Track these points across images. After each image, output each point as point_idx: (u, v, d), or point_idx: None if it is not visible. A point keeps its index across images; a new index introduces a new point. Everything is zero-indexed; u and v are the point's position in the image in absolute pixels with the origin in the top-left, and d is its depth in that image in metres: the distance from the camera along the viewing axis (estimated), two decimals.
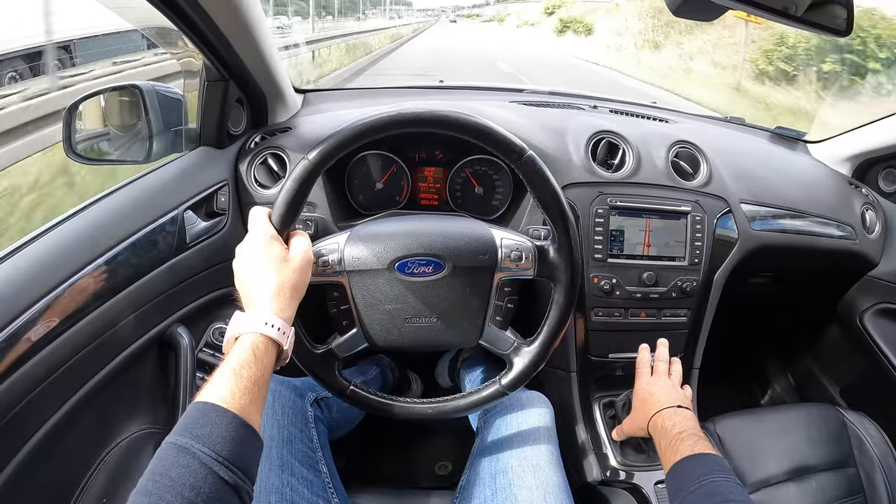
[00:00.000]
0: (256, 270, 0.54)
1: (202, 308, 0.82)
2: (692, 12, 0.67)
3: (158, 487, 0.39)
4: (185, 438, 0.42)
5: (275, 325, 0.51)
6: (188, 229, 0.77)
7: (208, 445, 0.41)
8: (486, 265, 0.64)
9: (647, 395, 0.75)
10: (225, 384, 0.46)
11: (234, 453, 0.42)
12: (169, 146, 0.84)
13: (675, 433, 0.64)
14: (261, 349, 0.49)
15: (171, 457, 0.41)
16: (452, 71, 10.77)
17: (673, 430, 0.65)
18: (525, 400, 0.77)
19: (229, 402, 0.44)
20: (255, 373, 0.47)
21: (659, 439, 0.66)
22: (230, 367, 0.47)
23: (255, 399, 0.47)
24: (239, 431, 0.44)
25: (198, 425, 0.43)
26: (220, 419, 0.43)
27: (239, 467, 0.42)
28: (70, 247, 0.62)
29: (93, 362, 0.64)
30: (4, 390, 0.52)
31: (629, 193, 0.87)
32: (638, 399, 0.77)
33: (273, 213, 0.57)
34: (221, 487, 0.41)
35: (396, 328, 0.64)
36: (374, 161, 0.91)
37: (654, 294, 0.87)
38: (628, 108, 1.13)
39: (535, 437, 0.71)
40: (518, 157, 0.60)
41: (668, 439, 0.64)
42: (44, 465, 0.59)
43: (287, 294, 0.53)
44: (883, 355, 1.06)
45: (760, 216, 0.95)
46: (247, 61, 0.79)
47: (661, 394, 0.74)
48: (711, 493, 0.55)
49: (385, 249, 0.63)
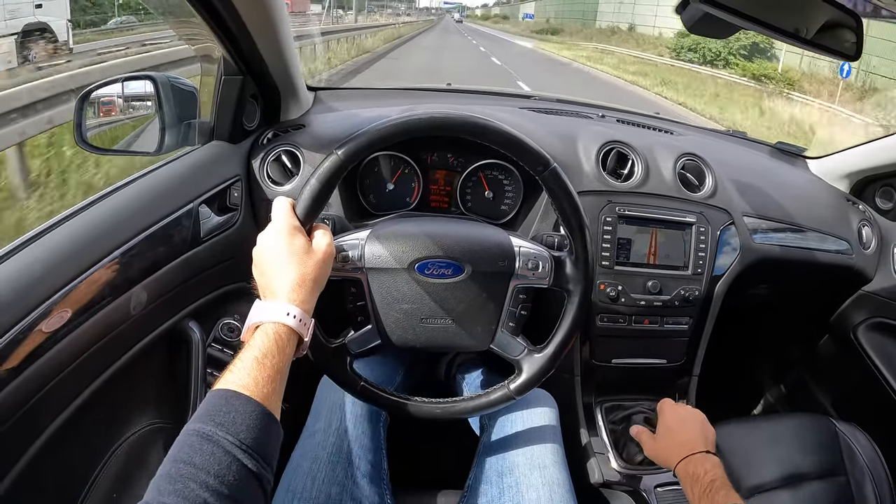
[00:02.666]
0: (279, 260, 0.54)
1: (212, 303, 0.82)
2: (707, 30, 0.69)
3: (182, 474, 0.38)
4: (208, 426, 0.41)
5: (297, 316, 0.51)
6: (203, 223, 0.77)
7: (232, 433, 0.41)
8: (503, 272, 0.65)
9: (677, 425, 0.74)
10: (248, 372, 0.45)
11: (258, 442, 0.42)
12: (181, 139, 0.83)
13: (707, 481, 0.64)
14: (283, 339, 0.49)
15: (195, 444, 0.41)
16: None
17: (705, 478, 0.64)
18: (530, 398, 0.76)
19: (252, 390, 0.44)
20: (278, 362, 0.47)
21: (690, 486, 0.66)
22: (252, 355, 0.47)
23: (277, 388, 0.47)
24: (262, 420, 0.43)
25: (221, 413, 0.42)
26: (244, 407, 0.43)
27: (262, 456, 0.42)
28: (87, 238, 0.61)
29: (106, 356, 0.63)
30: (20, 383, 0.52)
31: (637, 203, 0.89)
32: (665, 426, 0.75)
33: (298, 205, 0.58)
34: (245, 475, 0.41)
35: (411, 327, 0.65)
36: (386, 162, 0.91)
37: (657, 302, 0.89)
38: (634, 119, 1.15)
39: (541, 436, 0.72)
40: (544, 169, 0.61)
41: (701, 487, 0.64)
42: (55, 459, 0.59)
43: (308, 286, 0.53)
44: (875, 368, 1.09)
45: (762, 229, 0.97)
46: (266, 57, 0.79)
47: (691, 430, 0.72)
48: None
49: (406, 249, 0.63)
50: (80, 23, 7.63)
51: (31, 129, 2.54)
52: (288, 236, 0.55)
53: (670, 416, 0.76)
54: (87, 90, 0.77)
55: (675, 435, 0.73)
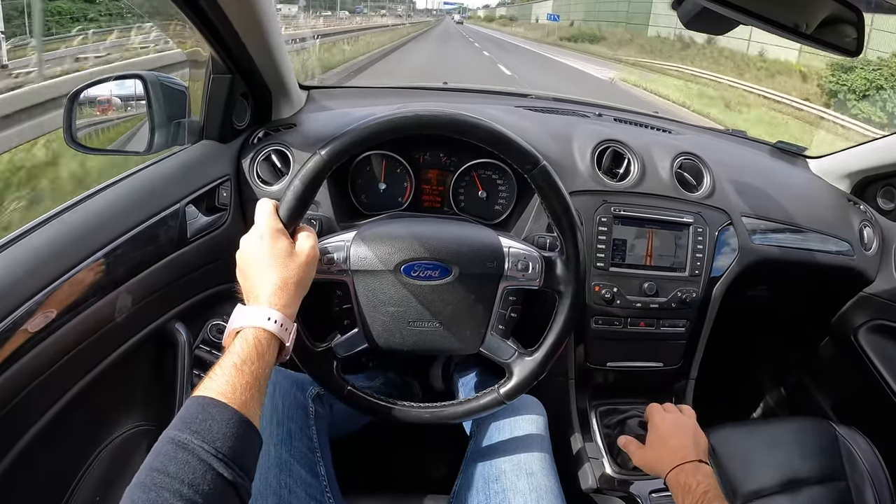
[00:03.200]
0: (261, 264, 0.53)
1: (200, 304, 0.81)
2: (704, 25, 0.68)
3: (156, 483, 0.38)
4: (184, 434, 0.41)
5: (278, 321, 0.50)
6: (189, 224, 0.76)
7: (208, 441, 0.41)
8: (492, 273, 0.64)
9: (667, 432, 0.71)
10: (226, 379, 0.45)
11: (234, 451, 0.42)
12: (171, 138, 0.83)
13: (699, 492, 0.62)
14: (263, 345, 0.48)
15: (170, 452, 0.40)
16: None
17: (697, 489, 0.63)
18: (519, 405, 0.76)
19: (230, 397, 0.44)
20: (257, 369, 0.47)
21: (681, 497, 0.64)
22: (231, 361, 0.46)
23: (256, 395, 0.46)
24: (239, 428, 0.43)
25: (197, 420, 0.42)
26: (221, 415, 0.42)
27: (238, 465, 0.42)
28: (71, 238, 0.61)
29: (90, 356, 0.63)
30: (3, 382, 0.51)
31: (633, 203, 0.87)
32: (655, 434, 0.73)
33: (281, 206, 0.57)
34: (220, 485, 0.40)
35: (398, 330, 0.64)
36: (378, 161, 0.90)
37: (654, 304, 0.88)
38: (631, 118, 1.13)
39: (529, 443, 0.71)
40: (532, 167, 0.59)
41: (693, 499, 0.62)
42: (38, 461, 0.58)
43: (291, 290, 0.53)
44: (876, 371, 1.07)
45: (761, 230, 0.96)
46: (254, 55, 0.78)
47: (682, 438, 0.70)
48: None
49: (392, 251, 0.62)
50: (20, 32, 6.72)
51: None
52: (270, 240, 0.54)
53: (660, 422, 0.73)
54: (77, 89, 0.76)
55: (665, 443, 0.70)
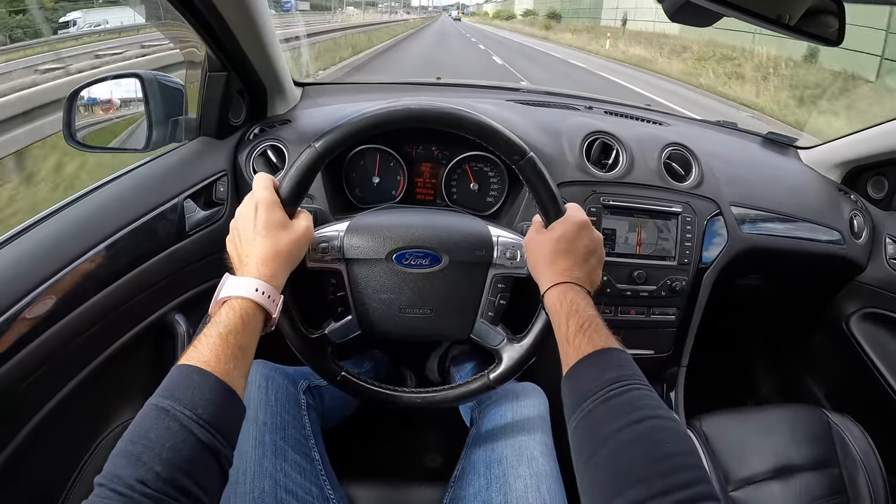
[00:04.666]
0: (253, 232, 0.53)
1: (199, 296, 0.83)
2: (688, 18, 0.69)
3: (137, 448, 0.39)
4: (166, 401, 0.41)
5: (265, 292, 0.50)
6: (188, 218, 0.78)
7: (189, 408, 0.41)
8: (481, 261, 0.65)
9: (579, 237, 0.59)
10: (210, 348, 0.45)
11: (216, 417, 0.42)
12: (169, 136, 0.84)
13: (586, 315, 0.52)
14: (249, 315, 0.49)
15: (152, 418, 0.41)
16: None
17: (584, 311, 0.53)
18: (520, 390, 0.77)
19: (213, 366, 0.44)
20: (242, 339, 0.47)
21: (565, 315, 0.53)
22: (217, 331, 0.47)
23: (240, 365, 0.46)
24: (221, 395, 0.43)
25: (180, 388, 0.42)
26: (204, 382, 0.43)
27: (219, 431, 0.42)
28: (72, 232, 0.63)
29: (91, 347, 0.65)
30: (3, 374, 0.53)
31: (622, 193, 0.89)
32: (565, 227, 0.59)
33: (281, 186, 0.58)
34: (201, 450, 0.41)
35: (391, 318, 0.66)
36: (372, 155, 0.92)
37: (644, 292, 0.89)
38: (622, 110, 1.15)
39: (530, 428, 0.72)
40: (520, 158, 0.61)
41: (580, 320, 0.52)
42: (40, 450, 0.60)
43: (280, 261, 0.53)
44: (868, 358, 1.08)
45: (750, 219, 0.97)
46: (249, 53, 0.80)
47: (589, 258, 0.58)
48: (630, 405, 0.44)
49: (384, 240, 0.64)
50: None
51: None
52: (265, 210, 0.55)
53: (577, 218, 0.60)
54: (76, 89, 0.78)
55: (570, 246, 0.58)
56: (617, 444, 0.41)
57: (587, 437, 0.44)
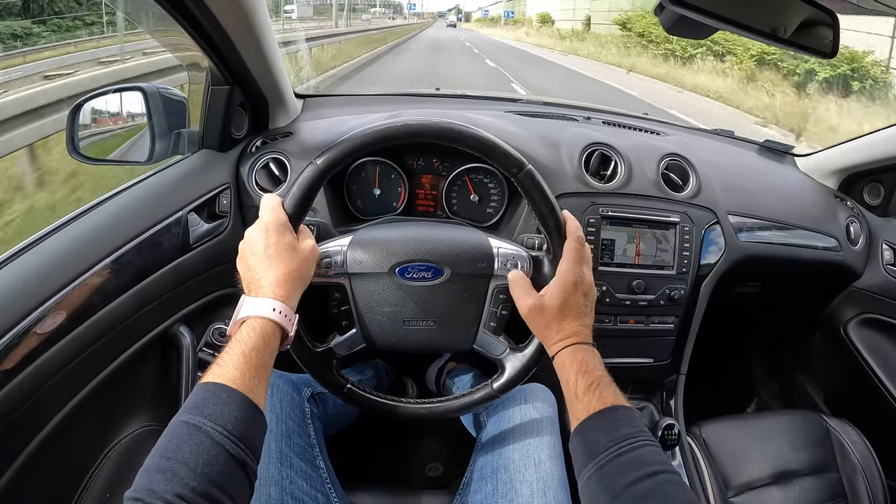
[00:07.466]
0: (267, 256, 0.55)
1: (203, 308, 0.83)
2: (685, 31, 0.70)
3: (171, 464, 0.40)
4: (197, 417, 0.43)
5: (282, 312, 0.52)
6: (192, 231, 0.78)
7: (220, 424, 0.43)
8: (483, 273, 0.66)
9: (577, 292, 0.59)
10: (234, 365, 0.47)
11: (244, 432, 0.44)
12: (171, 148, 0.85)
13: (596, 375, 0.55)
14: (269, 334, 0.51)
15: (184, 434, 0.42)
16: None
17: (594, 371, 0.55)
18: (528, 392, 0.77)
19: (239, 383, 0.46)
20: (263, 356, 0.49)
21: (574, 375, 0.56)
22: (239, 349, 0.48)
23: (262, 381, 0.49)
24: (247, 411, 0.45)
25: (209, 404, 0.44)
26: (231, 399, 0.45)
27: (248, 445, 0.44)
28: (79, 246, 0.64)
29: (98, 360, 0.65)
30: (15, 386, 0.54)
31: (620, 204, 0.89)
32: (562, 284, 0.60)
33: (287, 203, 0.59)
34: (232, 465, 0.42)
35: (394, 330, 0.66)
36: (373, 168, 0.93)
37: (643, 301, 0.90)
38: (620, 120, 1.16)
39: (537, 430, 0.72)
40: (518, 171, 0.62)
41: (589, 380, 0.54)
42: (49, 461, 0.60)
43: (293, 282, 0.55)
44: (866, 364, 1.09)
45: (747, 227, 0.98)
46: (251, 66, 0.81)
47: (591, 310, 0.60)
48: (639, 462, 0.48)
49: (386, 254, 0.65)
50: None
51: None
52: (276, 233, 0.57)
53: (568, 278, 0.60)
54: (79, 102, 0.79)
55: (567, 309, 0.59)
56: (631, 497, 0.46)
57: (601, 489, 0.48)
